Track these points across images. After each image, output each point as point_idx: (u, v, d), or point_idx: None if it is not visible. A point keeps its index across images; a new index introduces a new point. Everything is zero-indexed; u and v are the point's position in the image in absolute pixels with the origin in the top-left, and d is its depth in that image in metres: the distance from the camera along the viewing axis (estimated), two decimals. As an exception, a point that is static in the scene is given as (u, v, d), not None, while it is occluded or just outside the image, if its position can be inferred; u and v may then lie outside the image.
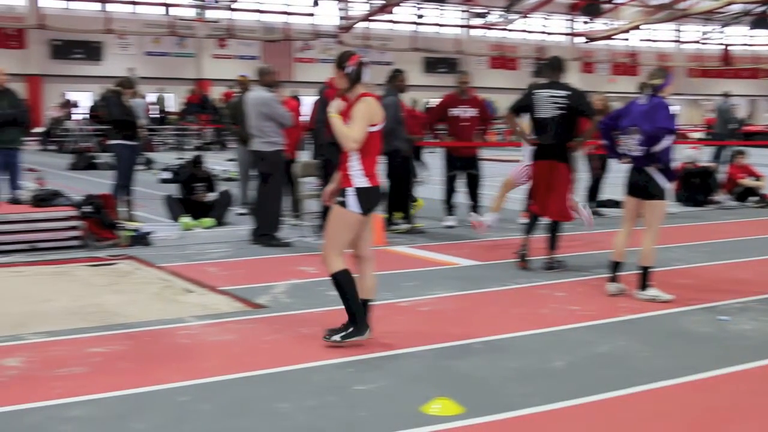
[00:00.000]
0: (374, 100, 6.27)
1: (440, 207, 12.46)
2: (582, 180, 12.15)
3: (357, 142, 6.12)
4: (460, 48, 46.66)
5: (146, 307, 7.59)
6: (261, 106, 10.59)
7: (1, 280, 8.70)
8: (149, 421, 4.88)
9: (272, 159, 10.55)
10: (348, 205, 6.21)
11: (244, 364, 5.90)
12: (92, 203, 10.61)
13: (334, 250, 6.26)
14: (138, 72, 29.21)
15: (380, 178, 6.39)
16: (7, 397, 5.22)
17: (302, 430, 4.78)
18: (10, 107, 11.98)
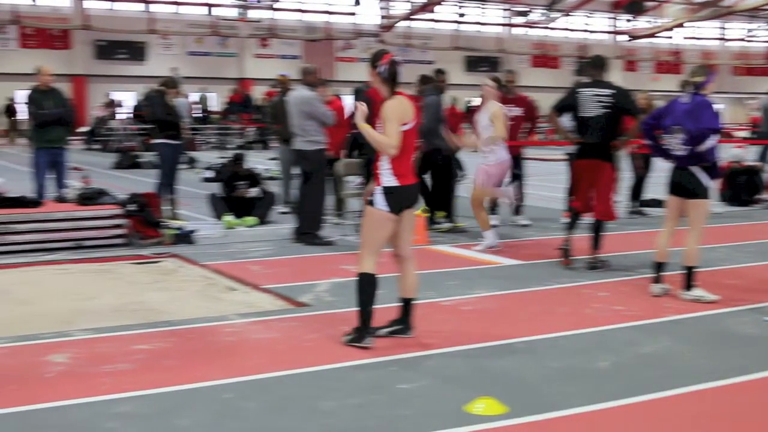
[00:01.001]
0: (404, 99, 6.25)
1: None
2: (625, 179, 12.07)
3: (395, 147, 6.11)
4: (502, 46, 46.51)
5: (190, 305, 7.65)
6: (303, 105, 10.64)
7: (47, 278, 8.81)
8: (194, 417, 4.92)
9: (314, 158, 10.59)
10: (376, 204, 6.21)
11: (287, 361, 5.92)
12: (137, 202, 10.72)
13: (365, 249, 6.27)
14: (181, 72, 29.47)
15: (414, 177, 6.35)
16: (55, 393, 5.29)
17: (346, 428, 4.79)
18: (56, 107, 12.10)
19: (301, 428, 4.79)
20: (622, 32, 49.85)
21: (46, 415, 4.98)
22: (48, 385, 5.49)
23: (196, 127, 29.86)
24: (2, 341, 6.39)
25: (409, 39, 43.18)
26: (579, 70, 11.25)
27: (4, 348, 6.25)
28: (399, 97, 6.23)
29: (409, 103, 6.27)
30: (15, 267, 9.22)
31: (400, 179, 6.19)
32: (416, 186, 6.37)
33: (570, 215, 9.48)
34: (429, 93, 11.54)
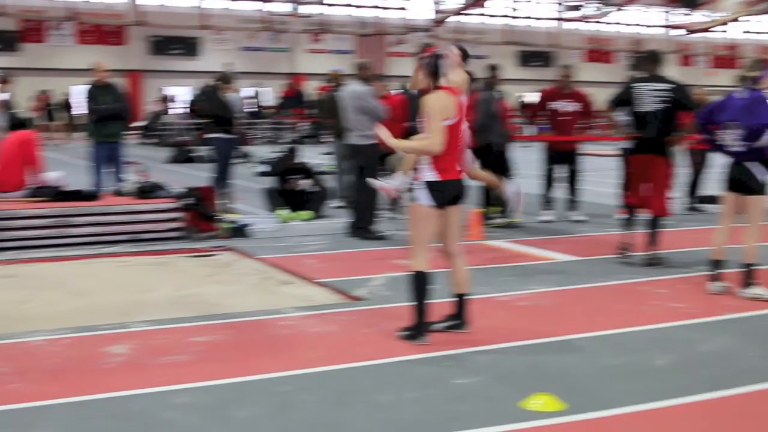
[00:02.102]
0: (445, 94, 6.19)
1: (537, 201, 12.36)
2: (682, 175, 11.94)
3: (439, 143, 6.08)
4: (554, 41, 46.20)
5: (246, 298, 7.71)
6: (356, 99, 10.67)
7: (105, 270, 8.94)
8: (252, 409, 4.95)
9: (367, 152, 10.60)
10: (418, 199, 6.20)
11: (343, 355, 5.94)
12: (193, 195, 10.81)
13: (414, 245, 6.27)
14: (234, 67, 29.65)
15: (459, 172, 6.29)
16: (116, 383, 5.36)
17: (404, 422, 4.79)
18: (113, 102, 12.25)
19: (359, 422, 4.80)
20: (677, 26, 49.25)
21: (108, 405, 5.05)
22: (108, 375, 5.57)
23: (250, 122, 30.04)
24: (63, 332, 6.49)
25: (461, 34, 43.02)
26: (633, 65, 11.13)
27: (65, 339, 6.35)
28: (441, 91, 6.20)
29: (453, 97, 6.21)
30: (74, 259, 9.38)
31: (442, 174, 6.16)
32: (460, 181, 6.30)
33: (625, 211, 9.39)
34: (483, 89, 11.52)
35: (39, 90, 32.16)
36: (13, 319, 6.97)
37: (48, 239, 9.89)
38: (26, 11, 35.85)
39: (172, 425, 4.73)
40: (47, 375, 5.55)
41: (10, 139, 11.33)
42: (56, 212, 10.07)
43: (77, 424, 4.74)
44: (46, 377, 5.51)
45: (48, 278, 8.51)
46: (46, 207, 10.18)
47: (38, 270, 8.88)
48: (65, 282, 8.34)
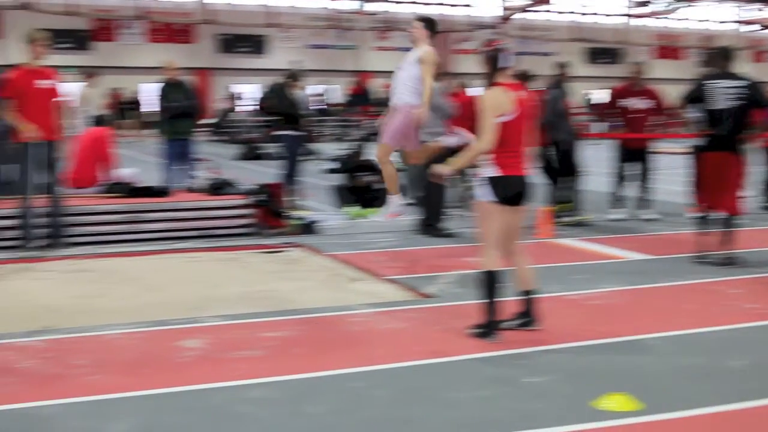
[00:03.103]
0: (502, 90, 6.15)
1: (607, 199, 12.24)
2: (756, 173, 11.74)
3: (488, 140, 6.06)
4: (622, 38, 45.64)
5: (316, 294, 7.75)
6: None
7: (177, 266, 9.06)
8: (325, 404, 4.98)
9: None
10: (481, 196, 6.19)
11: (414, 352, 5.95)
12: (263, 192, 10.91)
13: (483, 243, 6.26)
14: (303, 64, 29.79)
15: (522, 168, 6.23)
16: (191, 377, 5.45)
17: (475, 420, 4.78)
18: (183, 99, 12.41)
19: (431, 419, 4.80)
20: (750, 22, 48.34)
21: (183, 398, 5.13)
22: (183, 369, 5.65)
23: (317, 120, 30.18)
24: (138, 326, 6.60)
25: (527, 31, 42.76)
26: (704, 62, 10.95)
27: (140, 332, 6.46)
28: (497, 87, 6.16)
29: (510, 93, 6.15)
30: (146, 255, 9.52)
31: (503, 169, 6.13)
32: (523, 178, 6.24)
33: (697, 210, 9.25)
34: (552, 86, 11.47)
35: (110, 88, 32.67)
36: (88, 313, 7.11)
37: (121, 234, 10.06)
38: (98, 11, 36.41)
39: (247, 419, 4.78)
40: (124, 368, 5.65)
41: (85, 136, 11.53)
42: (129, 208, 10.24)
43: (154, 417, 4.82)
44: (123, 370, 5.61)
45: (121, 273, 8.66)
46: (119, 203, 10.35)
47: (112, 265, 9.03)
48: (138, 277, 8.47)
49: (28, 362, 5.74)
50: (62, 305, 7.35)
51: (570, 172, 11.54)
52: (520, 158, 6.22)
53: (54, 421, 4.76)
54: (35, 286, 8.11)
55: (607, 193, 12.30)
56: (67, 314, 7.04)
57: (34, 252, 9.35)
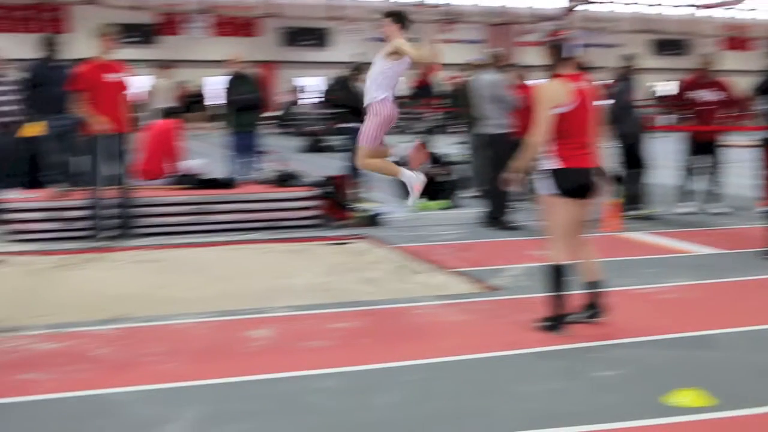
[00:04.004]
0: (559, 81, 6.09)
1: (676, 193, 12.08)
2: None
3: (540, 133, 6.02)
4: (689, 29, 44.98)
5: (382, 286, 7.77)
6: (489, 89, 10.66)
7: (244, 257, 9.14)
8: (393, 395, 4.99)
9: (501, 141, 10.55)
10: (543, 189, 6.16)
11: (481, 345, 5.94)
12: (329, 184, 10.96)
13: (549, 236, 6.23)
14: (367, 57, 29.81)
15: (586, 161, 6.15)
16: (261, 366, 5.50)
17: (544, 413, 4.75)
18: (249, 92, 12.50)
19: (500, 411, 4.79)
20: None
21: (253, 387, 5.18)
22: (252, 358, 5.71)
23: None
24: (207, 316, 6.69)
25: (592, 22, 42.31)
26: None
27: (209, 322, 6.54)
28: (555, 79, 6.11)
29: (569, 84, 6.08)
30: (213, 245, 9.62)
31: (564, 162, 6.07)
32: (587, 170, 6.15)
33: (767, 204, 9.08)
34: (619, 79, 11.36)
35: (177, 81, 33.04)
36: (159, 302, 7.21)
37: (189, 225, 10.18)
38: (164, 5, 36.85)
39: (315, 409, 4.81)
40: (194, 356, 5.73)
41: (153, 128, 11.68)
42: (197, 200, 10.37)
43: (223, 405, 4.87)
44: (193, 358, 5.69)
45: (190, 263, 8.77)
46: (187, 194, 10.48)
47: (180, 255, 9.15)
48: (206, 267, 8.57)
49: (101, 350, 5.85)
50: (133, 294, 7.46)
51: (637, 165, 11.41)
52: (583, 150, 6.14)
53: (126, 408, 4.84)
54: (107, 276, 8.25)
55: (676, 186, 12.14)
56: (138, 303, 7.15)
57: (105, 242, 9.52)
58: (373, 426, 4.60)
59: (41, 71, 11.18)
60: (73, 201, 9.97)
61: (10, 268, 8.57)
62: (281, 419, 4.68)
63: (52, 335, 6.17)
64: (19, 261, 8.82)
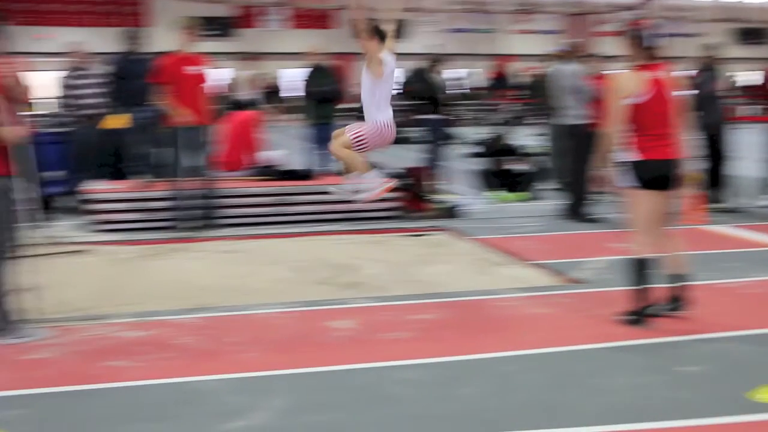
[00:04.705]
0: (633, 72, 6.01)
1: (759, 185, 11.83)
2: None
3: (611, 125, 5.98)
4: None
5: (462, 278, 7.76)
6: (567, 79, 10.60)
7: (324, 248, 9.19)
8: (476, 387, 4.99)
9: (580, 133, 10.45)
10: (623, 182, 6.08)
11: (563, 338, 5.91)
12: (407, 176, 10.98)
13: (632, 229, 6.16)
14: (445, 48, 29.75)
15: (667, 152, 6.04)
16: (343, 356, 5.55)
17: (626, 407, 4.71)
18: (326, 84, 12.56)
19: (582, 404, 4.76)
20: None
21: (335, 377, 5.22)
22: (334, 348, 5.75)
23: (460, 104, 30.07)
24: (289, 306, 6.76)
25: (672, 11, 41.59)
26: None
27: (291, 312, 6.61)
28: (628, 69, 6.03)
29: (643, 74, 5.98)
30: (293, 236, 9.71)
31: (644, 153, 5.99)
32: (667, 162, 6.04)
33: None
34: (702, 69, 11.18)
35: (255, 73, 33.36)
36: (240, 292, 7.30)
37: (269, 216, 10.29)
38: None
39: (397, 400, 4.83)
40: (276, 346, 5.79)
41: (233, 120, 11.81)
42: (278, 191, 10.47)
43: (307, 394, 4.92)
44: (276, 348, 5.75)
45: (270, 254, 8.85)
46: (267, 186, 10.58)
47: (261, 246, 9.24)
48: (286, 258, 8.63)
49: (185, 338, 5.94)
50: (215, 284, 7.56)
51: (719, 157, 11.21)
52: (663, 141, 6.04)
53: (210, 396, 4.92)
54: (189, 266, 8.37)
55: (760, 178, 11.89)
56: (220, 293, 7.25)
57: (188, 233, 9.66)
58: (455, 417, 4.60)
59: (124, 64, 11.38)
60: (156, 192, 10.14)
61: (95, 257, 8.75)
62: (364, 410, 4.71)
63: (137, 323, 6.30)
64: (105, 251, 9.00)
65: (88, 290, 7.32)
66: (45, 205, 9.00)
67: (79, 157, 11.25)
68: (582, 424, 4.51)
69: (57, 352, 5.67)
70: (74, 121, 11.56)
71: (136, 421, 4.59)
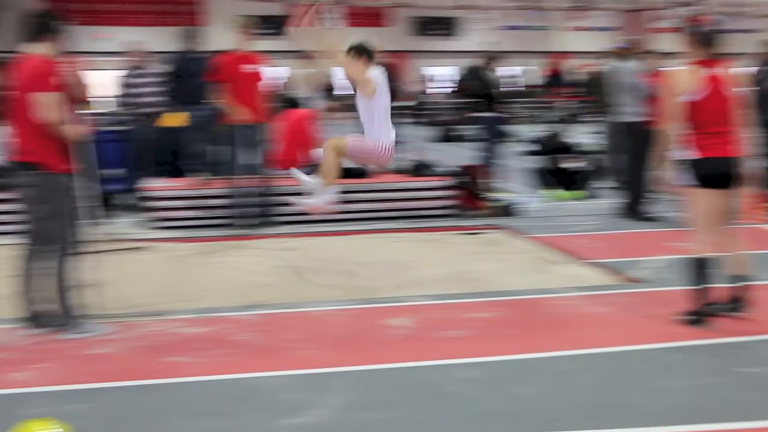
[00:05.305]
0: (686, 69, 5.93)
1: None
2: None
3: (666, 122, 5.92)
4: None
5: (519, 277, 7.73)
6: (624, 77, 10.50)
7: (382, 245, 9.21)
8: (534, 386, 4.98)
9: (637, 130, 10.35)
10: (681, 180, 6.01)
11: (621, 337, 5.87)
12: (463, 174, 10.96)
13: (691, 228, 6.09)
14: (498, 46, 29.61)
15: (728, 149, 5.94)
16: (399, 355, 5.55)
17: (688, 409, 4.67)
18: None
19: (643, 405, 4.72)
20: None
21: (393, 375, 5.24)
22: (391, 346, 5.77)
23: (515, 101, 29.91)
24: (345, 303, 6.80)
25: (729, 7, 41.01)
26: None
27: (348, 310, 6.64)
28: (685, 66, 5.95)
29: (699, 71, 5.91)
30: (350, 234, 9.73)
31: (702, 151, 5.91)
32: (726, 160, 5.95)
33: None
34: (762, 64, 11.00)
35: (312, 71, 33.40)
36: (298, 289, 7.37)
37: (325, 214, 10.29)
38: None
39: (456, 398, 4.83)
40: (334, 343, 5.82)
41: (289, 117, 11.86)
42: (334, 189, 10.47)
43: (366, 392, 4.94)
44: (334, 345, 5.78)
45: (326, 251, 8.88)
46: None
47: (317, 243, 9.29)
48: (343, 255, 8.67)
49: (245, 335, 6.00)
50: (272, 281, 7.61)
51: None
52: (722, 139, 5.95)
53: (268, 392, 4.97)
54: (247, 263, 8.42)
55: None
56: (278, 290, 7.30)
57: (245, 230, 9.73)
58: (514, 416, 4.59)
59: (182, 63, 11.48)
60: (213, 190, 10.23)
61: (154, 254, 8.85)
62: (422, 408, 4.72)
63: (197, 320, 6.36)
64: (163, 248, 9.10)
65: (148, 287, 7.41)
66: (105, 203, 9.10)
67: (137, 155, 11.39)
68: (643, 425, 4.48)
69: (118, 348, 5.76)
70: (133, 119, 11.69)
71: (196, 416, 4.64)
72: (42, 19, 6.10)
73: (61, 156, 5.94)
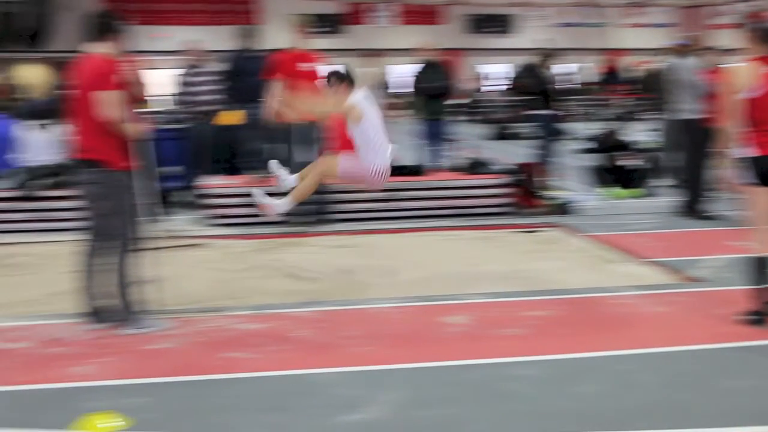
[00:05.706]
0: (746, 65, 5.84)
1: None
2: None
3: (727, 119, 5.84)
4: None
5: (577, 275, 7.67)
6: (684, 74, 10.36)
7: (436, 243, 9.20)
8: (592, 385, 4.95)
9: (695, 128, 10.23)
10: (740, 179, 5.93)
11: (681, 337, 5.80)
12: (519, 172, 10.92)
13: (751, 227, 6.01)
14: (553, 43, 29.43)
15: None
16: (456, 352, 5.55)
17: (753, 410, 4.60)
18: (437, 80, 12.55)
19: (703, 406, 4.67)
20: None
21: (450, 372, 5.24)
22: (448, 344, 5.76)
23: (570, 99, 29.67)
24: (402, 301, 6.80)
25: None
26: None
27: (405, 307, 6.65)
28: (744, 63, 5.86)
29: (759, 68, 5.81)
30: (406, 232, 9.73)
31: (762, 149, 5.82)
32: None
33: None
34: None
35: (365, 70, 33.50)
36: (355, 287, 7.39)
37: (381, 212, 10.34)
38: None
39: (513, 396, 4.82)
40: (392, 340, 5.83)
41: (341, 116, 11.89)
42: (388, 186, 10.45)
43: (421, 389, 4.95)
44: (391, 342, 5.79)
45: (383, 249, 8.90)
46: (379, 181, 10.63)
47: (373, 241, 9.31)
48: (400, 253, 8.68)
49: (303, 331, 6.03)
50: (329, 278, 7.65)
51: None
52: None
53: (326, 388, 4.99)
54: (302, 260, 8.46)
55: None
56: (334, 287, 7.33)
57: (301, 227, 9.77)
58: (572, 415, 4.57)
59: (238, 62, 11.55)
60: (269, 187, 10.26)
61: (211, 251, 8.93)
62: (478, 405, 4.71)
63: (254, 316, 6.41)
64: (220, 244, 9.18)
65: (205, 283, 7.48)
66: (163, 200, 9.20)
67: (195, 152, 11.49)
68: (703, 426, 4.43)
69: (178, 343, 5.82)
70: (190, 117, 11.80)
71: (255, 411, 4.68)
72: (104, 20, 6.19)
73: (122, 154, 6.01)
